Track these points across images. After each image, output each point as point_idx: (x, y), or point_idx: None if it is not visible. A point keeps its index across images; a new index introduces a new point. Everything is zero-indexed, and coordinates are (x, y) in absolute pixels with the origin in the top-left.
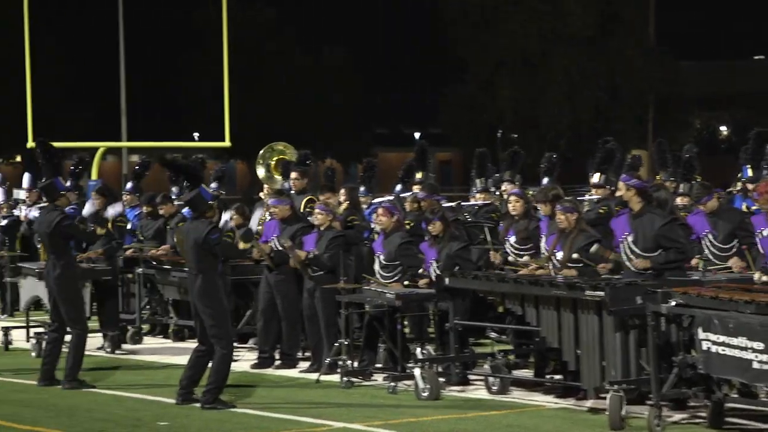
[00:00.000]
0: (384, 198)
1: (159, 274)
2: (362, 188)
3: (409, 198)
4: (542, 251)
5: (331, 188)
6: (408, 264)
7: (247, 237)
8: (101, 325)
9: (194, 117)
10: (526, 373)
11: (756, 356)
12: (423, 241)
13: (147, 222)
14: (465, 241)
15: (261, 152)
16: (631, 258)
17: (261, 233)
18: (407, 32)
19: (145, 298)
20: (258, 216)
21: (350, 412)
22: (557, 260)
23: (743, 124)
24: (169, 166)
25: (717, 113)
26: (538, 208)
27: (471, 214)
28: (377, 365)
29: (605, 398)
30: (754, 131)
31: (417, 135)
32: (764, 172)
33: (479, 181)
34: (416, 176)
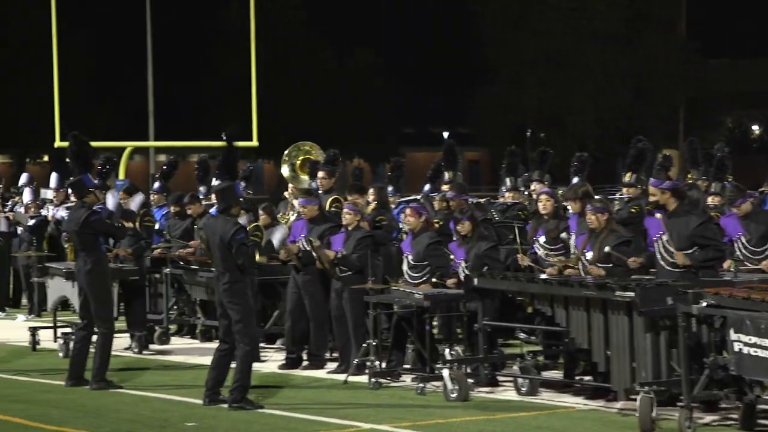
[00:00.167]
0: (411, 198)
1: (186, 275)
2: (390, 188)
3: (438, 197)
4: (572, 251)
5: (360, 188)
6: (436, 264)
7: (265, 252)
8: (128, 326)
9: (222, 116)
10: (556, 375)
11: None
12: (452, 241)
13: (174, 222)
14: (494, 241)
15: (287, 151)
16: (666, 258)
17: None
18: (436, 32)
19: (173, 299)
20: (279, 236)
21: (378, 414)
22: (587, 260)
23: None
24: (228, 147)
25: (748, 112)
26: (568, 207)
27: (499, 213)
28: (405, 366)
29: (635, 400)
30: None
31: (445, 134)
32: None
33: (509, 180)
34: (445, 176)
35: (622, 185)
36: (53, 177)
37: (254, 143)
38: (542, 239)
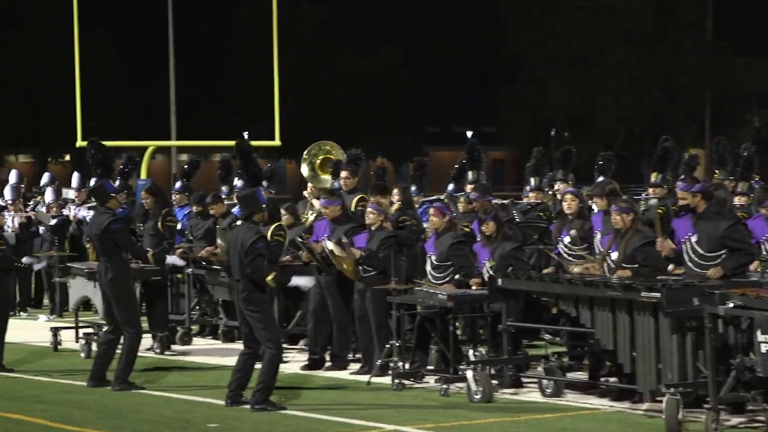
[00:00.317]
0: (434, 197)
1: (209, 275)
2: (413, 187)
3: (463, 198)
4: (597, 249)
5: (383, 188)
6: (459, 264)
7: (280, 281)
8: (150, 326)
9: (244, 116)
10: (581, 376)
11: None
12: (476, 241)
13: (197, 222)
14: (519, 242)
15: (307, 149)
16: (694, 259)
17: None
18: (460, 30)
19: (195, 299)
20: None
21: (401, 415)
22: (612, 261)
23: None
24: (242, 152)
25: None
26: (593, 204)
27: (521, 214)
28: (429, 367)
29: (661, 402)
30: None
31: (469, 134)
32: None
33: (534, 180)
34: (468, 175)
35: (648, 185)
36: (75, 176)
37: (277, 142)
38: (566, 239)
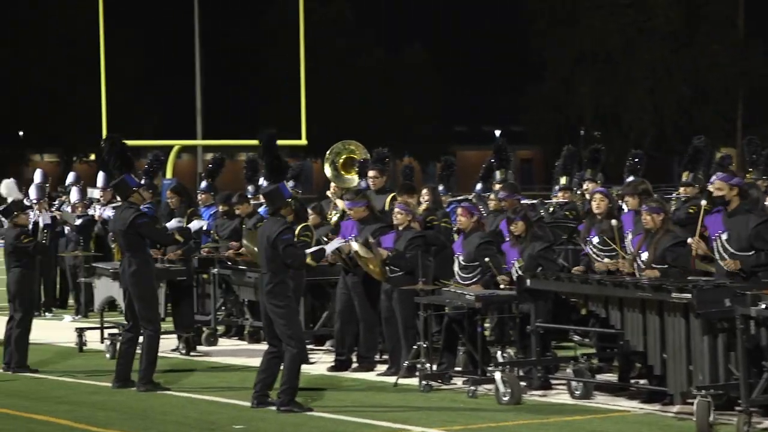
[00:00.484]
0: (462, 197)
1: (234, 275)
2: (441, 187)
3: (493, 196)
4: (628, 250)
5: (410, 188)
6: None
7: (318, 256)
8: (176, 327)
9: (270, 115)
10: (610, 378)
11: None
12: (504, 241)
13: (222, 221)
14: (548, 241)
15: (331, 148)
16: (725, 257)
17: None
18: (487, 29)
19: (221, 299)
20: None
21: (429, 417)
22: (642, 261)
23: None
24: (268, 146)
25: None
26: (624, 203)
27: (549, 213)
28: (456, 368)
29: (692, 404)
30: None
31: (497, 133)
32: None
33: (563, 179)
34: (496, 175)
35: (680, 185)
36: (100, 176)
37: (303, 141)
38: (595, 239)
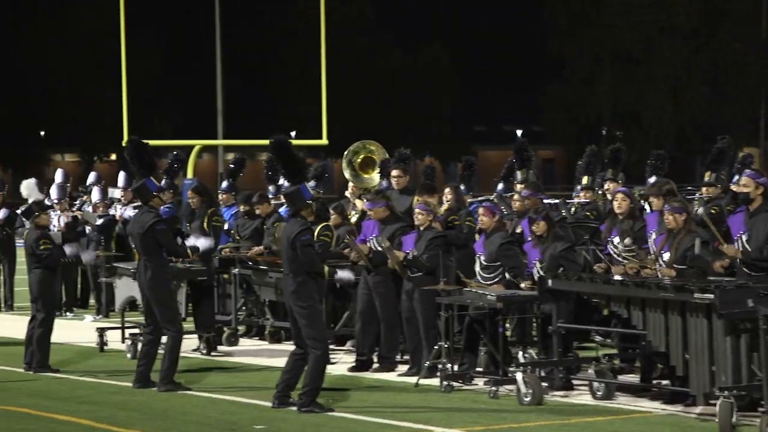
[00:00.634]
0: (483, 197)
1: (255, 275)
2: (462, 187)
3: (516, 196)
4: (651, 251)
5: (432, 188)
6: (509, 265)
7: (330, 272)
8: (197, 327)
9: (291, 114)
10: (632, 378)
11: None
12: (526, 241)
13: (244, 221)
14: (570, 242)
15: (350, 148)
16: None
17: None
18: (507, 29)
19: (242, 299)
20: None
21: (450, 417)
22: (664, 261)
23: None
24: (278, 150)
25: None
26: (648, 203)
27: (570, 213)
28: (478, 369)
29: (715, 405)
30: None
31: (518, 132)
32: None
33: (585, 179)
34: (517, 175)
35: (702, 185)
36: (121, 176)
37: (324, 141)
38: (616, 240)
